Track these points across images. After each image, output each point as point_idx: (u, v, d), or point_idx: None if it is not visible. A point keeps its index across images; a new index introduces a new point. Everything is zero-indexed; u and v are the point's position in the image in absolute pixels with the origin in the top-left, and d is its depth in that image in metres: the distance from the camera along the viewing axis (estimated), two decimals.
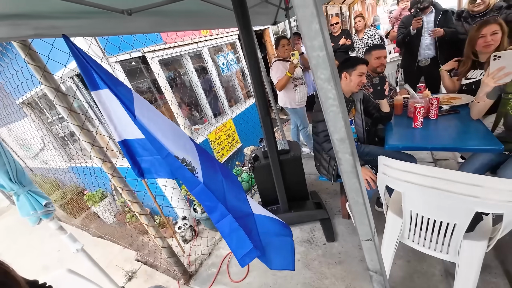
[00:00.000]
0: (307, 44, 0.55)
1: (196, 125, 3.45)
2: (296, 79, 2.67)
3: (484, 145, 1.25)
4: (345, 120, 0.62)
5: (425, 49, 2.54)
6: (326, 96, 0.60)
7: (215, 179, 1.15)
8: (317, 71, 0.57)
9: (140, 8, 1.15)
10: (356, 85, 1.58)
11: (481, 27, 1.64)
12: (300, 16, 0.52)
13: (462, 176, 0.85)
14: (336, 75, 0.58)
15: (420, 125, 1.58)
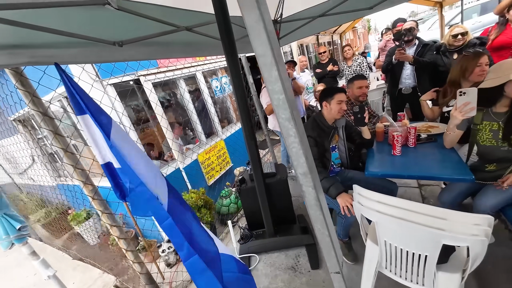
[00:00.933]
0: (268, 88, 0.60)
1: (188, 145, 3.49)
2: None
3: (456, 175, 1.30)
4: (306, 155, 0.66)
5: (406, 78, 2.70)
6: (288, 134, 0.64)
7: (182, 217, 1.17)
8: (278, 111, 0.62)
9: (131, 40, 1.23)
10: (337, 112, 1.65)
11: (479, 57, 1.72)
12: (261, 64, 0.58)
13: (429, 208, 0.88)
14: (296, 115, 0.63)
15: (399, 153, 1.63)
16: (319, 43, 6.25)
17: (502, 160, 1.42)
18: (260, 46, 0.56)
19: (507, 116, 1.36)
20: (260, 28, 0.55)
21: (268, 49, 0.56)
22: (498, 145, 1.40)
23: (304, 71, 4.12)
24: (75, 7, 1.07)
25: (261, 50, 0.57)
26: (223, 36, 1.51)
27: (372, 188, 1.80)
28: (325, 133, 1.76)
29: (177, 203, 1.26)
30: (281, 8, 2.44)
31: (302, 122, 3.31)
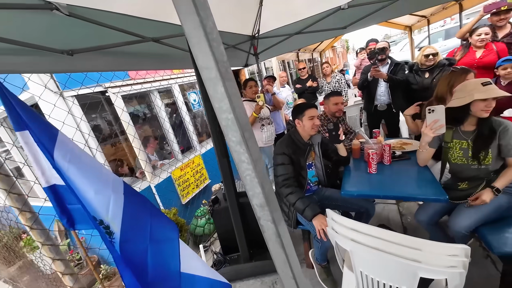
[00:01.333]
0: (215, 106, 0.51)
1: (164, 160, 3.29)
2: (263, 119, 2.72)
3: (431, 195, 1.27)
4: (262, 185, 0.56)
5: (381, 95, 2.77)
6: (240, 160, 0.54)
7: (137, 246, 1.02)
8: (227, 133, 0.53)
9: (83, 50, 1.11)
10: (310, 128, 1.61)
11: (466, 74, 1.76)
12: (205, 78, 0.49)
13: (404, 238, 0.81)
14: (249, 137, 0.54)
15: (375, 171, 1.60)
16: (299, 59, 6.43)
17: (473, 179, 1.42)
18: (202, 57, 0.48)
19: (475, 135, 1.37)
20: (200, 36, 0.46)
21: (211, 60, 0.47)
22: (469, 163, 1.41)
23: (284, 86, 4.15)
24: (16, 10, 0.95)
25: (203, 62, 0.48)
26: None
27: (349, 206, 1.75)
28: (301, 150, 1.70)
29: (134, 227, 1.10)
30: (258, 24, 2.45)
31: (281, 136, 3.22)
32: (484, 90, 1.27)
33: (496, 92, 1.24)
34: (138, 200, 1.23)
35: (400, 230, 2.07)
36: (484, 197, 1.30)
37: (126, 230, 1.07)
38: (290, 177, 1.57)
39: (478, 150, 1.35)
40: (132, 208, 1.14)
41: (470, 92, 1.31)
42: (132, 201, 1.16)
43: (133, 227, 1.11)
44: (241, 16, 2.25)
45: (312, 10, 2.28)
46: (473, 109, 1.32)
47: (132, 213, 1.13)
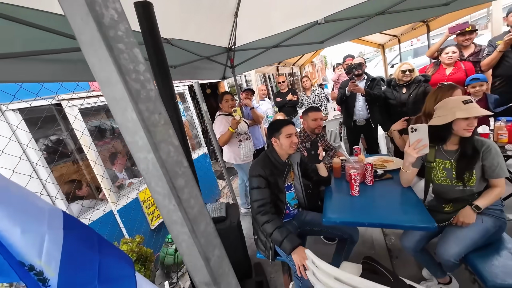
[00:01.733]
0: (127, 139, 0.33)
1: (132, 179, 2.97)
2: (241, 134, 2.56)
3: (419, 223, 1.15)
4: (207, 256, 0.38)
5: (359, 110, 2.75)
6: (170, 219, 0.36)
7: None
8: (150, 181, 0.35)
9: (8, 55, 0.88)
10: (288, 147, 1.46)
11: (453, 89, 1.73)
12: (109, 99, 0.32)
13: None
14: (184, 186, 0.36)
15: (357, 193, 1.48)
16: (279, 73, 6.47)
17: (458, 200, 1.35)
18: (99, 65, 0.30)
19: (458, 155, 1.31)
20: (92, 33, 0.29)
21: (113, 71, 0.30)
22: (453, 184, 1.33)
23: (264, 100, 4.06)
24: None
25: (102, 74, 0.30)
26: (151, 59, 1.25)
27: (332, 232, 1.60)
28: (279, 171, 1.54)
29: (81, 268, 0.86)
30: (234, 36, 2.34)
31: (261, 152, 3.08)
32: (465, 108, 1.21)
33: (478, 111, 1.18)
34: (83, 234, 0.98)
35: (385, 252, 1.95)
36: (466, 219, 1.24)
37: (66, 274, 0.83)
38: (267, 202, 1.40)
39: (462, 171, 1.28)
40: (74, 245, 0.90)
41: (451, 110, 1.25)
42: (75, 236, 0.92)
43: (76, 269, 0.87)
44: (217, 27, 2.13)
45: (289, 24, 2.23)
46: (455, 128, 1.26)
47: (74, 252, 0.89)
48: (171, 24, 1.71)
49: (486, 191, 1.29)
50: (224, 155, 2.68)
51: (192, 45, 2.03)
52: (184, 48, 1.96)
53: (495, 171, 1.22)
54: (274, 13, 2.10)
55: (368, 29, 2.32)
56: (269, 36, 2.35)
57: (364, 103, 2.70)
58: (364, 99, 2.68)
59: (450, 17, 3.65)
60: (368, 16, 2.08)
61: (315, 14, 2.11)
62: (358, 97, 2.73)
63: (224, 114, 2.53)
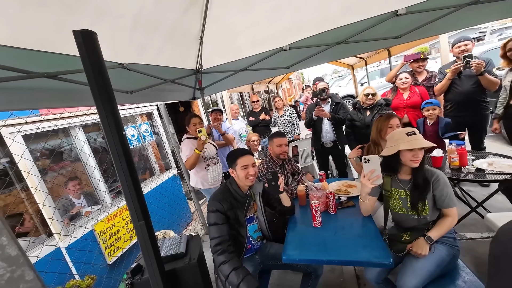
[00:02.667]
0: None
1: (92, 207, 2.70)
2: (208, 159, 2.47)
3: (375, 259, 1.13)
4: None
5: (326, 133, 2.82)
6: None
7: None
8: None
9: None
10: (244, 178, 1.41)
11: (389, 119, 1.84)
12: None
13: None
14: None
15: (319, 224, 1.44)
16: (254, 91, 6.57)
17: (414, 229, 1.36)
18: None
19: (411, 185, 1.33)
20: None
21: None
22: (408, 213, 1.35)
23: (237, 119, 4.04)
24: None
25: None
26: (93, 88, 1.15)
27: (296, 266, 1.53)
28: (240, 203, 1.47)
29: None
30: (200, 59, 2.32)
31: None
32: (408, 140, 1.26)
33: (420, 143, 1.23)
34: None
35: (353, 279, 1.92)
36: (419, 250, 1.24)
37: None
38: (224, 240, 1.30)
39: (415, 201, 1.30)
40: None
41: (397, 141, 1.29)
42: None
43: None
44: (181, 50, 2.08)
45: (256, 49, 2.26)
46: (402, 159, 1.30)
47: None
48: (126, 48, 1.63)
49: (438, 222, 1.31)
50: (190, 179, 2.56)
51: (153, 69, 1.95)
52: (144, 72, 1.88)
53: (445, 201, 1.25)
54: (240, 39, 2.12)
55: (329, 56, 2.42)
56: (236, 60, 2.36)
57: (331, 125, 2.77)
58: (330, 122, 2.76)
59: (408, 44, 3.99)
60: (329, 45, 2.17)
61: (280, 41, 2.16)
62: (324, 120, 2.80)
63: (191, 138, 2.44)
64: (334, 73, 27.82)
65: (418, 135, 1.27)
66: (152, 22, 1.58)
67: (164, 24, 1.68)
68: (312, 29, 2.03)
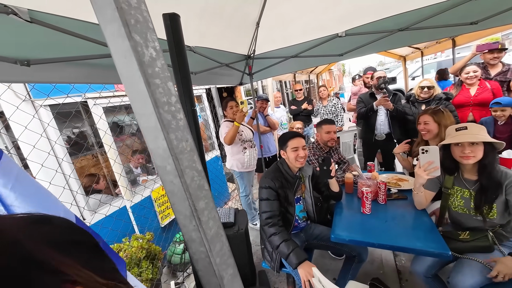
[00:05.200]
0: (156, 163, 0.36)
1: (147, 176, 3.08)
2: (245, 142, 2.57)
3: (431, 248, 1.11)
4: (221, 274, 0.40)
5: (381, 125, 2.67)
6: (191, 238, 0.39)
7: None
8: (174, 202, 0.38)
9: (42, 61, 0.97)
10: (294, 160, 1.47)
11: (419, 116, 1.78)
12: (143, 128, 0.35)
13: None
14: (204, 208, 0.39)
15: (369, 211, 1.45)
16: (296, 80, 6.47)
17: (476, 230, 1.29)
18: (137, 98, 0.33)
19: (478, 186, 1.25)
20: (132, 70, 0.32)
21: (149, 105, 0.33)
22: (471, 213, 1.28)
23: (279, 107, 4.08)
24: None
25: (139, 106, 0.34)
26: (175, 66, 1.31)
27: (340, 248, 1.58)
28: (290, 183, 1.55)
29: None
30: (254, 45, 2.39)
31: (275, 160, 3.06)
32: (454, 135, 1.20)
33: (464, 138, 1.16)
34: None
35: (394, 273, 1.89)
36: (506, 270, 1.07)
37: None
38: (275, 215, 1.41)
39: (480, 204, 1.22)
40: None
41: (447, 137, 1.24)
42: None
43: None
44: (237, 36, 2.18)
45: (309, 35, 2.24)
46: (453, 155, 1.24)
47: None
48: (193, 32, 1.77)
49: None
50: (227, 162, 2.70)
51: (213, 52, 2.09)
52: (206, 55, 2.03)
53: None
54: (294, 25, 2.12)
55: (389, 44, 2.29)
56: (288, 46, 2.38)
57: (386, 117, 2.63)
58: (386, 114, 2.62)
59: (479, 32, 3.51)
60: (390, 32, 2.05)
61: (336, 27, 2.11)
62: (380, 112, 2.66)
63: (229, 121, 2.55)
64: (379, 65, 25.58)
65: (468, 130, 1.18)
66: (217, 8, 1.69)
67: (226, 11, 1.78)
68: (372, 15, 1.94)
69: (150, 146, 0.36)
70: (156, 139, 0.35)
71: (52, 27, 0.95)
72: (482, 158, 1.19)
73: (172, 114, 0.36)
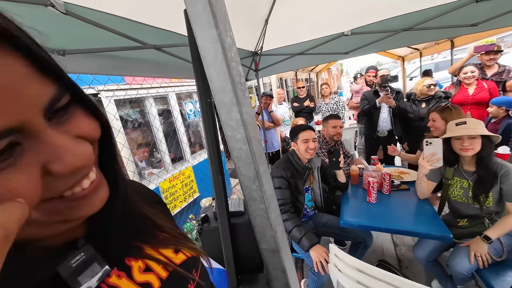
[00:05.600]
0: (227, 134, 0.44)
1: (152, 169, 3.13)
2: None
3: (434, 231, 1.21)
4: (275, 228, 0.48)
5: (383, 122, 2.78)
6: (251, 197, 0.47)
7: None
8: (239, 166, 0.45)
9: (77, 51, 1.02)
10: (304, 151, 1.56)
11: (429, 113, 1.87)
12: (218, 102, 0.42)
13: (413, 286, 0.73)
14: (264, 172, 0.47)
15: (374, 200, 1.54)
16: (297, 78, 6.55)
17: (473, 217, 1.39)
18: (217, 77, 0.41)
19: (475, 177, 1.34)
20: (217, 54, 0.40)
21: (228, 82, 0.40)
22: (469, 202, 1.38)
23: (282, 104, 4.15)
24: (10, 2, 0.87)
25: (219, 84, 0.41)
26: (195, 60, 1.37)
27: (346, 235, 1.67)
28: (300, 174, 1.63)
29: None
30: (262, 41, 2.46)
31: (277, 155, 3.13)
32: (453, 130, 1.29)
33: (463, 132, 1.26)
34: None
35: (395, 261, 1.99)
36: (479, 249, 1.23)
37: None
38: (287, 202, 1.49)
39: (477, 193, 1.32)
40: None
41: (447, 131, 1.33)
42: None
43: None
44: (245, 32, 2.24)
45: (317, 33, 2.32)
46: (453, 148, 1.33)
47: None
48: None
49: (500, 220, 1.29)
50: None
51: None
52: None
53: None
54: (302, 23, 2.20)
55: (392, 43, 2.38)
56: (296, 43, 2.45)
57: (389, 114, 2.73)
58: (388, 111, 2.72)
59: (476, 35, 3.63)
60: (395, 31, 2.14)
61: (342, 26, 2.19)
62: (382, 109, 2.76)
63: None
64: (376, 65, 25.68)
65: (467, 125, 1.28)
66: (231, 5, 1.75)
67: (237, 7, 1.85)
68: (379, 15, 2.02)
69: (223, 118, 0.43)
70: (230, 112, 0.42)
71: (84, 19, 1.01)
72: (480, 151, 1.29)
73: (243, 92, 0.43)
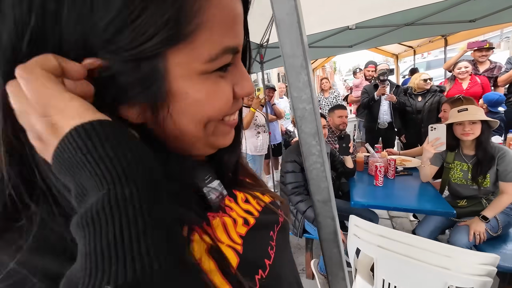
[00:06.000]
0: (293, 95, 0.51)
1: None
2: (259, 126, 2.72)
3: (438, 208, 1.32)
4: (329, 179, 0.55)
5: (383, 114, 2.90)
6: (310, 152, 0.53)
7: None
8: (301, 124, 0.52)
9: None
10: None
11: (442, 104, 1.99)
12: (288, 66, 0.49)
13: (434, 245, 0.83)
14: (320, 131, 0.54)
15: (381, 184, 1.64)
16: None
17: (472, 197, 1.51)
18: (290, 43, 0.47)
19: (475, 160, 1.46)
20: (292, 23, 0.46)
21: (299, 48, 0.47)
22: (468, 184, 1.49)
23: (282, 98, 4.23)
24: None
25: (290, 49, 0.48)
26: None
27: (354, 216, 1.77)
28: None
29: None
30: (268, 34, 2.51)
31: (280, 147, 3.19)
32: (455, 116, 1.41)
33: (464, 117, 1.37)
34: None
35: None
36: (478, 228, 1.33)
37: None
38: (300, 185, 1.57)
39: (476, 175, 1.43)
40: None
41: (450, 118, 1.45)
42: None
43: None
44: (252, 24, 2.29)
45: (322, 27, 2.39)
46: (455, 133, 1.44)
47: None
48: None
49: (494, 200, 1.40)
50: None
51: None
52: None
53: (508, 175, 1.35)
54: (309, 16, 2.26)
55: (394, 37, 2.49)
56: None
57: (389, 107, 2.85)
58: (388, 104, 2.84)
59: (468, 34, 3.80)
60: (397, 26, 2.24)
61: (347, 20, 2.27)
62: (382, 101, 2.88)
63: (245, 106, 2.67)
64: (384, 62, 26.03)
65: (469, 111, 1.39)
66: None
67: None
68: (383, 10, 2.12)
69: (291, 80, 0.49)
70: (299, 75, 0.49)
71: None
72: (480, 135, 1.41)
73: (309, 58, 0.50)
